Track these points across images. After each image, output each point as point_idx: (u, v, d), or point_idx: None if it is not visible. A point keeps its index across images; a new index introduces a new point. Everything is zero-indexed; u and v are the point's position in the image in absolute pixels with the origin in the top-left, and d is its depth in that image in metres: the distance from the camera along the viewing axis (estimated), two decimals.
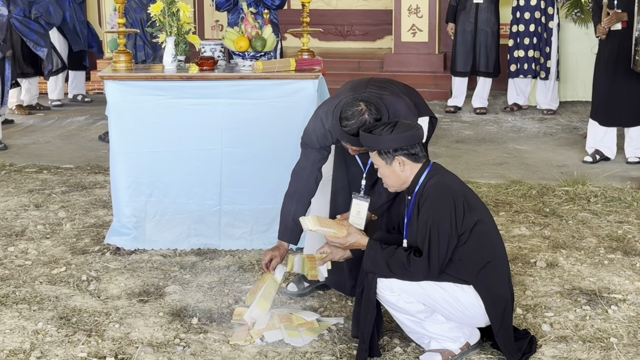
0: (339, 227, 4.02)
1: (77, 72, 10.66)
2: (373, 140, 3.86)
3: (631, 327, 4.29)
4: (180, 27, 5.46)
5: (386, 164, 3.88)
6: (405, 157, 3.86)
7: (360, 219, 4.34)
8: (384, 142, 3.84)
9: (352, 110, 4.03)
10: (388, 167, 3.89)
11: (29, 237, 5.68)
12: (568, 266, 5.10)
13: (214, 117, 5.30)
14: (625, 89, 7.24)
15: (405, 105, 4.28)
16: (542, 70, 9.54)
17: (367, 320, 3.90)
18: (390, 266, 3.81)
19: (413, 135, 3.86)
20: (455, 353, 3.95)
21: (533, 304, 4.57)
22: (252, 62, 5.39)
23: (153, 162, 5.35)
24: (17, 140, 8.66)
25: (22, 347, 4.10)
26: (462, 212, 3.79)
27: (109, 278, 4.99)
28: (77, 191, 6.73)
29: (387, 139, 3.83)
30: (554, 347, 4.09)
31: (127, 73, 5.40)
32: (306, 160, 4.47)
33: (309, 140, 4.45)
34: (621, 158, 7.56)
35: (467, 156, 7.87)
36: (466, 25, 9.62)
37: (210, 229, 5.42)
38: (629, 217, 5.97)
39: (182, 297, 4.71)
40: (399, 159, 3.86)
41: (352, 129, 4.03)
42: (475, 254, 3.83)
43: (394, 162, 3.87)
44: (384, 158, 3.87)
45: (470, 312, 3.89)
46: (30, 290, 4.80)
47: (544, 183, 6.84)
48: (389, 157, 3.86)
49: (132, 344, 4.14)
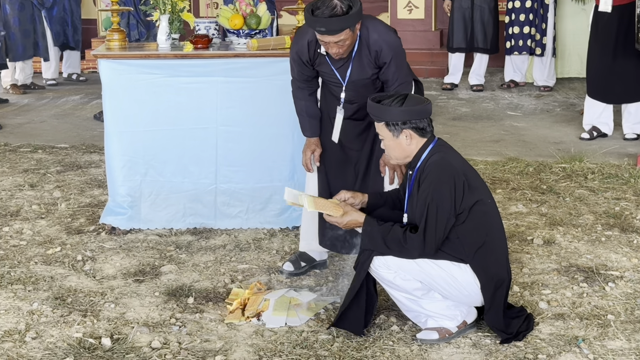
0: (335, 208, 4.00)
1: (71, 51, 10.61)
2: (382, 111, 3.86)
3: (628, 304, 4.29)
4: (174, 5, 5.44)
5: (393, 136, 3.88)
6: (413, 130, 3.86)
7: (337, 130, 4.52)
8: (394, 114, 3.84)
9: (321, 1, 4.10)
10: (394, 140, 3.88)
11: (23, 217, 5.66)
12: (565, 243, 5.10)
13: (209, 95, 5.28)
14: (625, 65, 7.21)
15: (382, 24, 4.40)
16: (537, 47, 9.52)
17: (349, 293, 3.92)
18: (387, 242, 3.81)
19: (423, 109, 3.87)
20: (453, 331, 3.94)
21: (530, 281, 4.57)
22: (247, 40, 5.36)
23: (148, 141, 5.33)
24: (11, 119, 8.63)
25: (17, 328, 4.09)
26: (462, 192, 3.78)
27: (104, 258, 4.98)
28: (72, 171, 6.71)
29: (397, 111, 3.83)
30: (551, 324, 4.09)
31: (121, 52, 5.37)
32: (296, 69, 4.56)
33: (291, 58, 4.55)
34: (618, 134, 7.55)
35: (464, 133, 7.85)
36: (463, 2, 9.59)
37: (206, 208, 5.41)
38: (626, 194, 5.97)
39: (178, 277, 4.70)
40: (406, 132, 3.85)
41: (323, 14, 4.07)
42: (473, 234, 3.83)
43: (402, 135, 3.86)
44: (391, 130, 3.87)
45: (467, 291, 3.89)
46: (25, 270, 4.79)
47: (541, 160, 6.83)
48: (396, 130, 3.86)
49: (128, 324, 4.14)
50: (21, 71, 10.09)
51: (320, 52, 4.35)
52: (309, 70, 4.50)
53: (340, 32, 4.10)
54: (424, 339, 3.93)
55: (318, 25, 4.11)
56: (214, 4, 11.09)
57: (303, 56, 4.43)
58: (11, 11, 9.50)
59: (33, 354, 3.85)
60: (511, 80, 9.85)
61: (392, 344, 3.92)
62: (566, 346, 3.88)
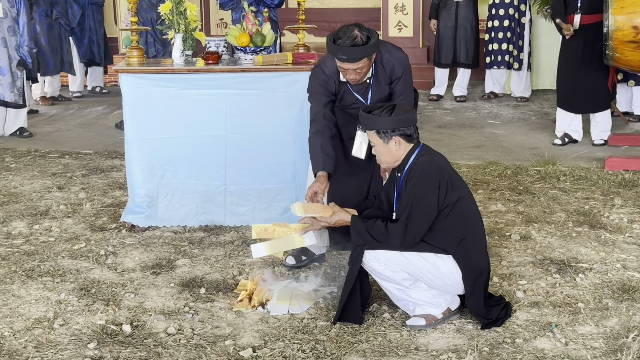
0: (324, 210, 4.02)
1: (95, 67, 10.60)
2: (372, 120, 3.88)
3: (597, 293, 4.29)
4: (187, 25, 5.44)
5: (383, 142, 3.89)
6: (401, 137, 3.87)
7: (362, 150, 4.37)
8: (383, 123, 3.85)
9: (342, 31, 4.14)
10: (384, 145, 3.89)
11: (52, 216, 5.66)
12: (540, 238, 5.10)
13: (219, 106, 5.28)
14: (591, 78, 7.23)
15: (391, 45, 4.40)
16: (514, 62, 9.52)
17: (345, 287, 3.92)
18: (373, 235, 3.82)
19: (409, 118, 3.89)
20: (438, 317, 3.94)
21: (508, 273, 4.57)
22: (253, 56, 5.36)
23: (164, 147, 5.32)
24: (41, 128, 8.63)
25: (46, 316, 4.09)
26: (446, 189, 3.80)
27: (124, 253, 4.98)
28: (96, 174, 6.71)
29: (386, 120, 3.84)
30: (527, 312, 4.09)
31: (140, 67, 5.37)
32: (317, 105, 4.45)
33: (314, 89, 4.46)
34: (587, 140, 7.55)
35: (448, 140, 7.85)
36: (447, 22, 9.59)
37: (217, 207, 5.41)
38: (594, 194, 5.97)
39: (191, 270, 4.70)
40: (395, 139, 3.86)
41: (344, 43, 4.10)
42: (455, 227, 3.84)
43: (391, 141, 3.87)
44: (381, 137, 3.88)
45: (450, 280, 3.89)
46: (54, 264, 4.78)
47: (518, 164, 6.83)
48: (386, 137, 3.87)
49: (146, 312, 4.14)
50: (50, 85, 10.09)
51: (342, 80, 4.36)
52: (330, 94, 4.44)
53: (359, 61, 4.14)
54: (413, 325, 3.93)
55: (340, 53, 4.13)
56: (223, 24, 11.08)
57: (330, 87, 4.40)
58: (41, 31, 9.49)
59: (60, 340, 3.85)
60: (491, 92, 9.84)
61: (384, 330, 3.92)
62: (541, 331, 3.88)
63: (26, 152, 7.47)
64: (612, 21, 6.48)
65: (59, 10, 9.73)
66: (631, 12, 6.44)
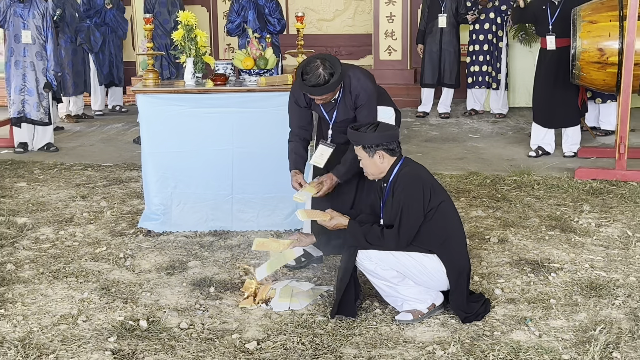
0: (324, 215, 4.05)
1: (115, 87, 10.63)
2: (359, 137, 3.89)
3: (567, 291, 4.29)
4: (197, 50, 5.45)
5: (369, 156, 3.90)
6: (384, 151, 3.88)
7: (322, 159, 4.47)
8: (368, 139, 3.86)
9: (310, 67, 4.12)
10: (370, 159, 3.90)
11: (76, 222, 5.66)
12: (516, 241, 5.11)
13: (226, 122, 5.29)
14: (563, 97, 7.25)
15: (362, 72, 4.38)
16: (493, 82, 9.53)
17: (341, 285, 3.92)
18: (368, 238, 3.83)
19: (392, 134, 3.90)
20: (424, 312, 3.95)
21: (487, 272, 4.58)
22: (257, 78, 5.38)
23: (177, 160, 5.33)
24: (66, 143, 8.64)
25: (70, 313, 4.10)
26: (429, 195, 3.82)
27: (141, 255, 4.98)
28: (116, 185, 6.71)
29: (370, 136, 3.86)
30: (505, 307, 4.09)
31: (155, 88, 5.38)
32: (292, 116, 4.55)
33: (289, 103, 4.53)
34: (559, 152, 7.55)
35: (434, 152, 7.86)
36: (433, 46, 9.60)
37: (224, 214, 5.41)
38: (565, 201, 5.97)
39: (201, 270, 4.70)
40: (379, 153, 3.87)
41: (310, 81, 4.11)
42: (439, 229, 3.85)
43: (375, 155, 3.88)
44: (367, 151, 3.89)
45: (435, 277, 3.90)
46: (77, 266, 4.79)
47: (496, 174, 6.83)
48: (371, 151, 3.88)
49: (161, 309, 4.14)
50: (74, 104, 10.09)
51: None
52: (306, 112, 4.51)
53: (322, 95, 4.19)
54: (401, 319, 3.93)
55: (305, 90, 4.20)
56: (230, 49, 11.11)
57: (300, 102, 4.46)
58: (66, 55, 9.51)
59: (84, 334, 3.85)
60: (472, 109, 9.85)
61: (375, 324, 3.92)
62: (517, 325, 3.88)
63: (53, 165, 7.48)
64: (580, 43, 6.51)
65: (82, 37, 9.75)
66: (597, 35, 6.47)
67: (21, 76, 7.92)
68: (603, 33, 6.45)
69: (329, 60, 4.12)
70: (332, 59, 4.14)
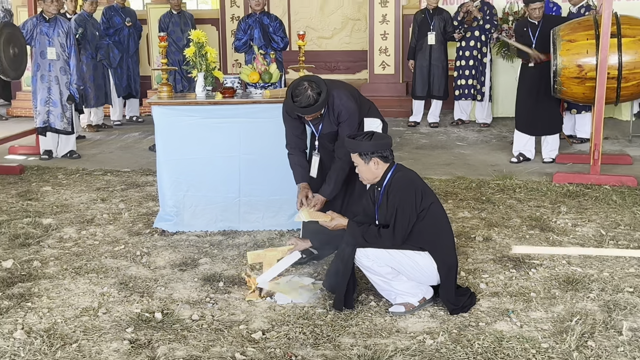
0: (325, 216, 4.07)
1: (132, 99, 10.64)
2: (356, 145, 3.91)
3: (546, 285, 4.30)
4: (208, 65, 5.46)
5: (364, 163, 3.91)
6: (379, 158, 3.89)
7: (314, 170, 4.55)
8: (364, 147, 3.88)
9: (298, 89, 4.19)
10: (365, 165, 3.92)
11: (97, 223, 5.67)
12: (499, 240, 5.11)
13: (234, 131, 5.30)
14: (544, 107, 7.25)
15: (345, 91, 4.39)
16: (478, 94, 9.54)
17: (342, 280, 3.92)
18: (366, 237, 3.84)
19: (386, 142, 3.92)
20: (415, 305, 3.95)
21: (473, 268, 4.58)
22: (262, 91, 5.40)
23: (189, 166, 5.34)
24: (87, 151, 8.64)
25: (92, 306, 4.10)
26: (420, 197, 3.83)
27: (156, 253, 4.98)
28: (133, 188, 6.72)
29: (366, 144, 3.87)
30: (489, 300, 4.10)
31: (169, 100, 5.39)
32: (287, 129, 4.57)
33: (283, 116, 4.55)
34: (539, 159, 7.55)
35: (424, 159, 7.86)
36: (423, 62, 9.61)
37: (232, 215, 5.41)
38: (544, 203, 5.98)
39: (211, 267, 4.71)
40: (374, 160, 3.89)
41: (302, 103, 4.18)
42: (430, 229, 3.86)
43: (371, 162, 3.89)
44: (363, 158, 3.90)
45: (427, 273, 3.91)
46: (98, 263, 4.79)
47: (481, 178, 6.84)
48: (367, 158, 3.89)
49: (174, 302, 4.15)
50: (94, 115, 10.09)
51: None
52: (298, 123, 4.52)
53: (311, 114, 4.24)
54: (394, 311, 3.94)
55: (295, 111, 4.27)
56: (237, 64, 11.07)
57: (292, 115, 4.48)
58: (87, 70, 9.51)
59: (104, 325, 3.86)
60: (459, 119, 9.85)
61: (370, 316, 3.93)
62: (500, 316, 3.89)
63: (75, 171, 7.48)
64: (560, 61, 6.52)
65: (102, 53, 9.77)
66: (576, 53, 6.48)
67: (46, 89, 7.93)
68: (581, 50, 6.46)
69: (314, 81, 4.20)
70: (317, 80, 4.21)
